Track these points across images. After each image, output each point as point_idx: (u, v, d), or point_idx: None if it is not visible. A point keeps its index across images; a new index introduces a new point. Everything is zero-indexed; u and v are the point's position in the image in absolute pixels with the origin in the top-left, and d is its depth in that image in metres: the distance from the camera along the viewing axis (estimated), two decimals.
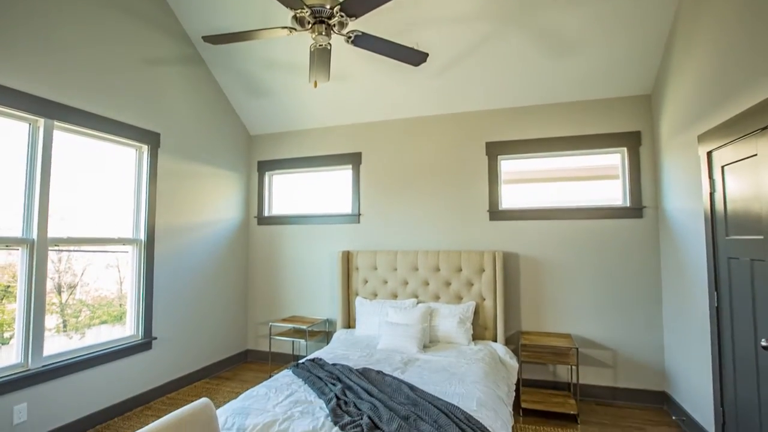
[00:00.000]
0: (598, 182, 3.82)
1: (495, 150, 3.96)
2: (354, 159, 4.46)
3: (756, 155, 2.10)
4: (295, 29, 2.41)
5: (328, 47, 2.58)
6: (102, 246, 3.29)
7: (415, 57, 2.70)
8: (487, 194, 3.95)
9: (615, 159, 3.73)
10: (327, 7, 2.29)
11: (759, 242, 2.10)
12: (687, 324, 2.98)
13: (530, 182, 4.04)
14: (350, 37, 2.49)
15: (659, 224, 3.46)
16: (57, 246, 2.93)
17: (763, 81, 2.04)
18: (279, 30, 2.45)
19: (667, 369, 3.36)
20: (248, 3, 3.48)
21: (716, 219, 2.52)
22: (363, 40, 2.53)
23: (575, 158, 3.84)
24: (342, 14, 2.32)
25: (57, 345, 2.94)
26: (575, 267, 3.67)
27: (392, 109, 4.25)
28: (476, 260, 3.75)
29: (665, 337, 3.40)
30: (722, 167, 2.44)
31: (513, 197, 3.99)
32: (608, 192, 3.75)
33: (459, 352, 3.22)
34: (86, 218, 3.16)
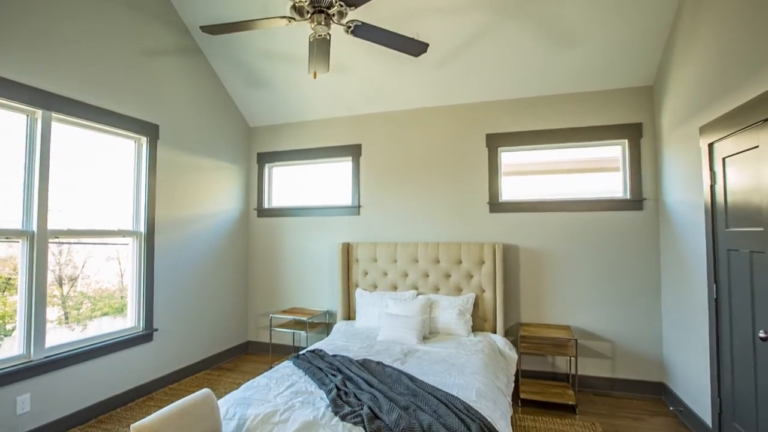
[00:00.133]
0: (599, 174, 3.81)
1: (495, 142, 3.94)
2: (354, 151, 4.45)
3: (757, 147, 2.09)
4: (294, 19, 2.39)
5: (328, 37, 2.56)
6: (102, 238, 3.29)
7: (416, 47, 2.68)
8: (487, 186, 3.94)
9: (616, 151, 3.72)
10: None
11: (759, 234, 2.10)
12: (685, 315, 2.99)
13: (530, 174, 4.03)
14: (350, 27, 2.47)
15: (659, 216, 3.46)
16: (57, 238, 2.93)
17: (766, 72, 2.03)
18: (278, 20, 2.42)
19: (665, 360, 3.38)
20: None
21: (716, 211, 2.52)
22: (362, 30, 2.50)
23: (576, 150, 3.83)
24: (341, 4, 2.29)
25: (59, 337, 2.96)
26: (575, 259, 3.68)
27: (392, 101, 4.22)
28: (476, 252, 3.76)
29: (664, 329, 3.41)
30: (723, 159, 2.43)
31: (513, 189, 3.98)
32: (608, 184, 3.74)
33: (458, 344, 3.24)
34: (86, 211, 3.16)
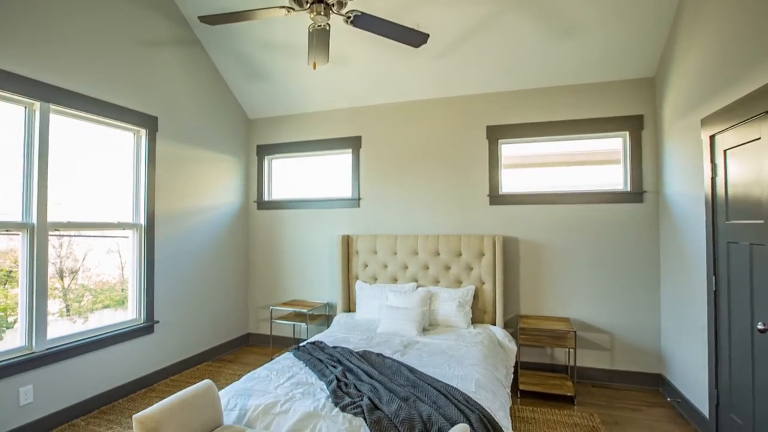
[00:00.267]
0: (599, 167, 3.80)
1: (495, 134, 3.92)
2: (354, 143, 4.43)
3: (759, 139, 2.08)
4: (293, 9, 2.36)
5: (327, 28, 2.53)
6: (102, 231, 3.29)
7: (416, 38, 2.65)
8: (488, 178, 3.93)
9: (616, 143, 3.70)
10: None
11: (759, 226, 2.10)
12: (684, 308, 3.00)
13: (531, 167, 4.02)
14: (349, 17, 2.44)
15: (659, 209, 3.46)
16: (57, 231, 2.93)
17: (767, 64, 2.01)
18: (277, 10, 2.39)
19: (664, 352, 3.40)
20: None
21: (717, 203, 2.51)
22: (362, 21, 2.48)
23: (576, 143, 3.81)
24: None
25: (61, 329, 2.98)
26: (575, 251, 3.68)
27: (392, 93, 4.19)
28: (476, 244, 3.76)
29: (662, 321, 3.43)
30: (724, 151, 2.42)
31: (513, 182, 3.97)
32: (609, 177, 3.73)
33: (458, 336, 3.26)
34: (86, 203, 3.15)
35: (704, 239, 2.68)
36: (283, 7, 2.37)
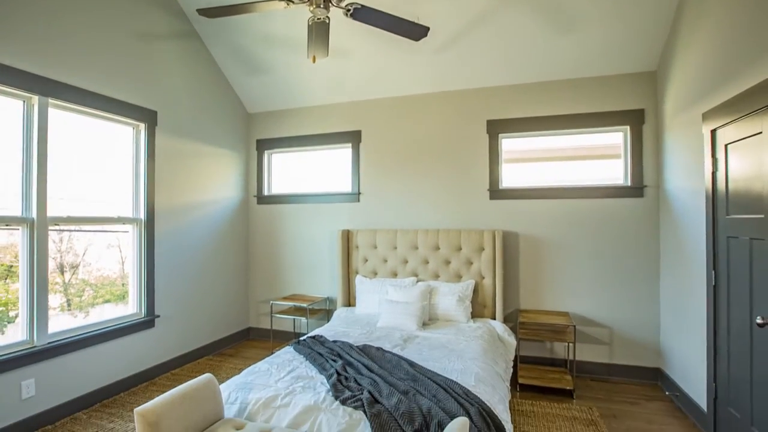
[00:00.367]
0: (600, 161, 3.79)
1: (496, 128, 3.91)
2: (354, 137, 4.41)
3: (761, 133, 2.08)
4: (293, 2, 2.34)
5: (327, 21, 2.51)
6: (102, 225, 3.29)
7: (416, 31, 2.63)
8: (488, 173, 3.93)
9: (617, 138, 3.69)
10: None
11: (759, 221, 2.09)
12: (684, 302, 3.01)
13: (531, 161, 4.01)
14: (349, 10, 2.42)
15: (660, 204, 3.46)
16: (57, 225, 2.93)
17: None
18: (276, 2, 2.37)
19: (662, 346, 3.41)
20: None
21: (717, 198, 2.51)
22: (362, 13, 2.46)
23: (577, 137, 3.80)
24: None
25: (62, 323, 2.98)
26: (575, 246, 3.69)
27: (392, 87, 4.17)
28: (476, 239, 3.76)
29: (661, 315, 3.44)
30: (726, 145, 2.41)
31: (514, 176, 3.97)
32: (609, 171, 3.72)
33: (458, 330, 3.27)
34: (86, 198, 3.15)
35: (704, 234, 2.68)
36: (283, 0, 2.35)
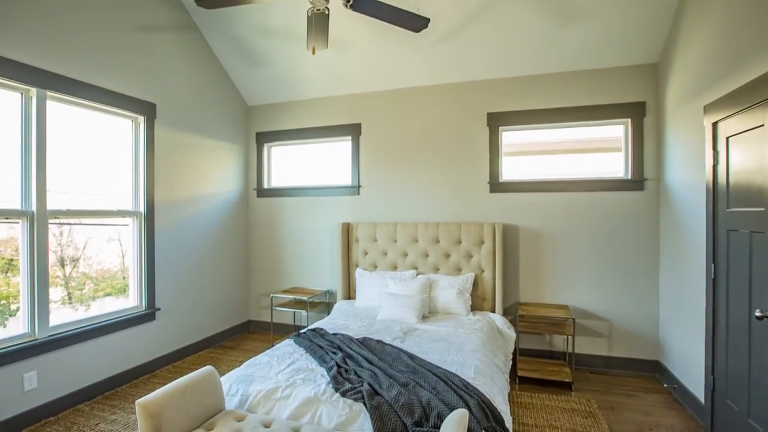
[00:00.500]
0: (600, 155, 3.78)
1: (496, 121, 3.89)
2: (353, 130, 4.39)
3: (762, 126, 2.06)
4: None
5: (326, 12, 2.49)
6: (102, 219, 3.29)
7: (416, 22, 2.61)
8: (488, 166, 3.91)
9: (618, 131, 3.67)
10: None
11: (760, 214, 2.09)
12: (683, 295, 3.02)
13: (532, 155, 3.99)
14: (349, 1, 2.40)
15: (660, 197, 3.45)
16: (57, 218, 2.93)
17: None
18: None
19: (661, 339, 3.43)
20: None
21: (718, 191, 2.50)
22: (362, 4, 2.43)
23: (577, 130, 3.78)
24: None
25: (63, 316, 3.00)
26: (574, 239, 3.69)
27: (392, 79, 4.14)
28: (476, 232, 3.76)
29: (661, 308, 3.45)
30: (727, 138, 2.40)
31: (514, 169, 3.95)
32: (610, 164, 3.71)
33: (458, 323, 3.28)
34: (85, 191, 3.14)
35: (704, 227, 2.68)
36: None
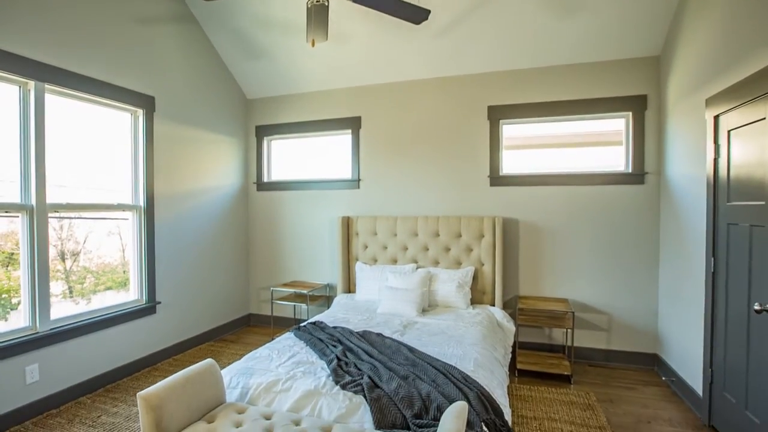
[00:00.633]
0: (601, 148, 3.77)
1: (497, 114, 3.87)
2: (353, 123, 4.38)
3: (764, 119, 2.05)
4: None
5: (326, 4, 2.47)
6: (102, 212, 3.28)
7: (417, 14, 2.59)
8: (488, 159, 3.90)
9: (618, 124, 3.66)
10: None
11: (760, 208, 2.09)
12: (682, 288, 3.02)
13: (532, 148, 3.98)
14: None
15: (660, 191, 3.44)
16: (57, 212, 2.92)
17: None
18: None
19: (660, 332, 3.44)
20: None
21: (719, 185, 2.50)
22: None
23: (578, 124, 3.76)
24: None
25: (64, 310, 3.01)
26: (574, 233, 3.69)
27: (392, 72, 4.12)
28: (476, 226, 3.76)
29: (660, 302, 3.46)
30: (728, 132, 2.39)
31: (514, 163, 3.94)
32: (611, 158, 3.70)
33: (457, 316, 3.29)
34: (85, 185, 3.14)
35: (704, 221, 2.67)
36: None
